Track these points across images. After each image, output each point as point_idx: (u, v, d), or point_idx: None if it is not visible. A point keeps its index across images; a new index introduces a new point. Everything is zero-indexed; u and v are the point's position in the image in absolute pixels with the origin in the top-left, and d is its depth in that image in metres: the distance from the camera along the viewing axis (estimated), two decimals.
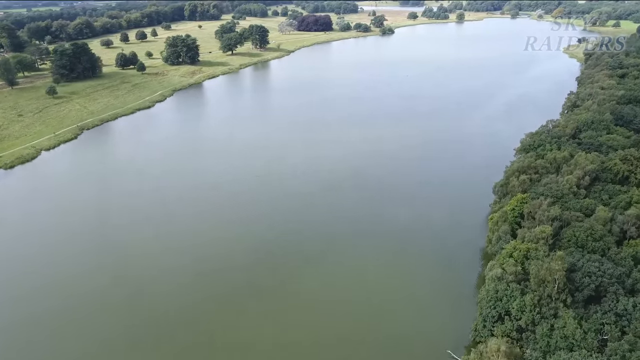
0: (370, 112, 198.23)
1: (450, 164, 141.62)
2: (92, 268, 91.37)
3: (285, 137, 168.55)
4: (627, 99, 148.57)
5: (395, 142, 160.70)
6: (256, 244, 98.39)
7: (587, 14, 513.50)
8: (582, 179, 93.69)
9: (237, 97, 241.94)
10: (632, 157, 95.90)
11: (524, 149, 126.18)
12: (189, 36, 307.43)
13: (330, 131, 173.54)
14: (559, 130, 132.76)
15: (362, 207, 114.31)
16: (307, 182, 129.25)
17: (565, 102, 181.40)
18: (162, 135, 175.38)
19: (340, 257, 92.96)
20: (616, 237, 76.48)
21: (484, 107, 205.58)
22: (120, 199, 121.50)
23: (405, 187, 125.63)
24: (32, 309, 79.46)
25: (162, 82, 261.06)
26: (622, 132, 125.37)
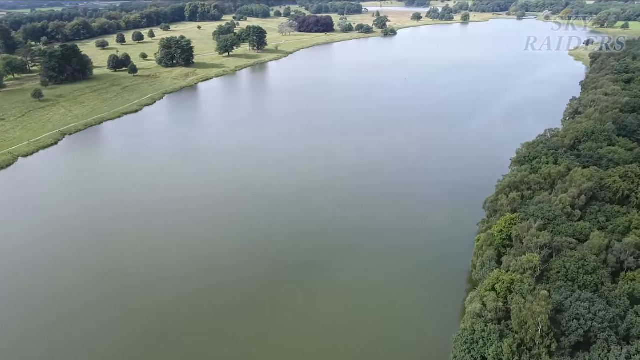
0: (364, 119, 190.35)
1: (445, 175, 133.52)
2: (62, 289, 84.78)
3: (270, 143, 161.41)
4: (631, 106, 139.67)
5: (388, 150, 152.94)
6: (248, 250, 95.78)
7: (595, 14, 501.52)
8: (577, 199, 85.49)
9: (227, 101, 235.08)
10: (633, 174, 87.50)
11: (518, 161, 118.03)
12: (183, 37, 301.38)
13: (316, 139, 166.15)
14: (557, 140, 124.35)
15: (349, 220, 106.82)
16: (285, 195, 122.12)
17: (567, 108, 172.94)
18: (146, 141, 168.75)
19: (319, 279, 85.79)
20: (612, 267, 68.36)
21: (485, 112, 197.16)
22: (94, 210, 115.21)
23: (396, 199, 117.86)
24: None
25: (154, 85, 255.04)
26: (624, 143, 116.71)
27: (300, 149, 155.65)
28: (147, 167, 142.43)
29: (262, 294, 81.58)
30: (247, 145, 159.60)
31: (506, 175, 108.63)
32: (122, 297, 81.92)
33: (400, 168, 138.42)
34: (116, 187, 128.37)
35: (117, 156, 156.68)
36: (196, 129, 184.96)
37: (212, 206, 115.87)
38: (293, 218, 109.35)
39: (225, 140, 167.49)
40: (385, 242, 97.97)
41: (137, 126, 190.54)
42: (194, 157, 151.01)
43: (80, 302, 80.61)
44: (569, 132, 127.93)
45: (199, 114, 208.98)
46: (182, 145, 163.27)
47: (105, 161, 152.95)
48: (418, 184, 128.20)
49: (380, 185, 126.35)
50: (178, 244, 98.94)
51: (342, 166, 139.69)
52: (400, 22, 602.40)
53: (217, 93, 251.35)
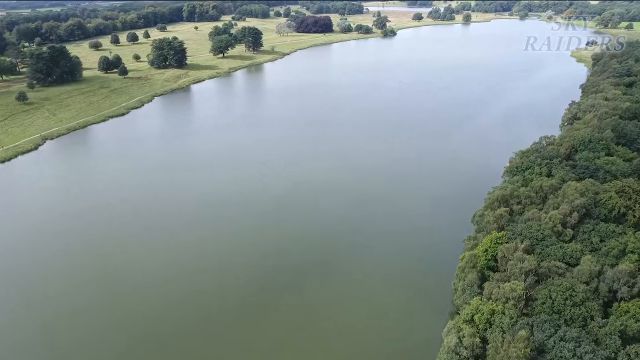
0: (356, 123, 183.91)
1: (436, 184, 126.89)
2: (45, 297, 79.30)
3: (255, 148, 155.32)
4: (632, 112, 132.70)
5: (378, 158, 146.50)
6: (240, 255, 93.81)
7: (599, 15, 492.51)
8: (569, 216, 78.87)
9: (217, 104, 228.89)
10: (630, 189, 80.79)
11: (511, 171, 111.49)
12: (175, 38, 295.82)
13: (302, 145, 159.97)
14: (552, 149, 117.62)
15: (330, 235, 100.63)
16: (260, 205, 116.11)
17: (566, 113, 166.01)
18: (128, 147, 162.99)
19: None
20: (604, 297, 61.82)
21: (482, 116, 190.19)
22: (69, 220, 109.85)
23: (383, 210, 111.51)
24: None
25: (144, 87, 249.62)
26: (623, 152, 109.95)
27: (286, 154, 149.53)
28: (127, 174, 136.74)
29: (256, 297, 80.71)
30: (231, 151, 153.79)
31: (496, 187, 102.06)
32: (114, 303, 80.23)
33: (389, 176, 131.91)
34: (92, 195, 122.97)
35: (97, 162, 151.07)
36: (181, 133, 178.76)
37: (189, 213, 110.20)
38: (270, 228, 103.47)
39: (209, 145, 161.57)
40: (368, 261, 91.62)
41: (122, 130, 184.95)
42: (175, 163, 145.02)
43: (71, 308, 79.42)
44: (565, 140, 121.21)
45: (186, 118, 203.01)
46: (165, 151, 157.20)
47: (85, 167, 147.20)
48: (406, 193, 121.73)
49: (368, 196, 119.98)
50: (160, 253, 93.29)
51: (329, 174, 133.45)
52: (401, 22, 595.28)
53: (208, 95, 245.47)
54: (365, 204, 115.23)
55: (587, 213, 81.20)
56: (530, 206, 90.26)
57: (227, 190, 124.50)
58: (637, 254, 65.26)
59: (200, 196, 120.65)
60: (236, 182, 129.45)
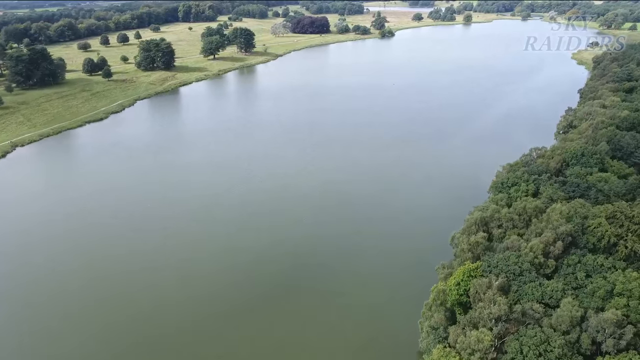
0: (342, 130, 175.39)
1: (420, 198, 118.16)
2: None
3: (235, 156, 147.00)
4: (629, 122, 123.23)
5: (362, 168, 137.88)
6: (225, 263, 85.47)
7: (603, 15, 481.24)
8: (552, 245, 69.98)
9: (200, 108, 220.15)
10: (622, 215, 71.72)
11: (496, 187, 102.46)
12: (163, 40, 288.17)
13: (283, 151, 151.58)
14: (542, 163, 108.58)
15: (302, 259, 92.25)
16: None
17: (561, 121, 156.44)
18: (98, 157, 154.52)
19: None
20: (586, 350, 52.96)
21: (475, 122, 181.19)
22: (30, 234, 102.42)
23: (359, 230, 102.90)
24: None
25: (127, 90, 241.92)
26: (618, 168, 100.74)
27: (265, 162, 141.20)
28: (90, 189, 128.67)
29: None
30: (205, 160, 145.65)
31: (477, 208, 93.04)
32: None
33: (371, 190, 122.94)
34: (54, 209, 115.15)
35: (66, 172, 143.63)
36: (157, 142, 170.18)
37: (151, 224, 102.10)
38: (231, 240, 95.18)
39: (185, 153, 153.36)
40: (331, 295, 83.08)
41: (95, 137, 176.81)
42: (144, 178, 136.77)
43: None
44: (557, 152, 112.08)
45: (165, 123, 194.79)
46: (136, 163, 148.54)
47: (47, 179, 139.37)
48: (387, 209, 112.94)
49: (347, 210, 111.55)
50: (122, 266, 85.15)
51: (302, 188, 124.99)
52: (401, 23, 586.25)
53: (192, 99, 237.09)
54: (339, 223, 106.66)
55: (573, 241, 72.23)
56: (512, 230, 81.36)
57: (197, 199, 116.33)
58: (626, 296, 56.35)
59: (166, 216, 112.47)
60: (205, 197, 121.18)
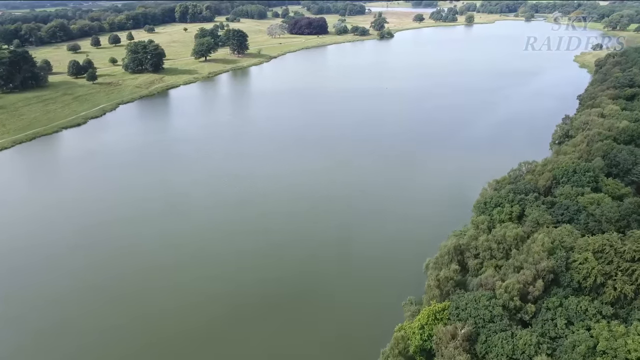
0: (324, 139, 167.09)
1: (401, 218, 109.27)
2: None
3: (212, 171, 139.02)
4: (628, 135, 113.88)
5: (338, 183, 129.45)
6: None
7: (608, 16, 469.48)
8: (531, 284, 61.27)
9: (183, 113, 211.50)
10: (612, 249, 62.81)
11: (479, 208, 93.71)
12: (151, 41, 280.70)
13: (254, 165, 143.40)
14: (530, 179, 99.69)
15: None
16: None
17: (556, 130, 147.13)
18: (66, 167, 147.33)
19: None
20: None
21: (468, 130, 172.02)
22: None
23: (328, 254, 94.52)
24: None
25: (111, 94, 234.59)
26: (613, 187, 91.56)
27: (246, 180, 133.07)
28: (59, 198, 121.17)
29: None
30: (179, 178, 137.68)
31: (454, 232, 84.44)
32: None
33: (351, 211, 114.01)
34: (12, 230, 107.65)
35: (31, 183, 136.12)
36: (133, 149, 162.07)
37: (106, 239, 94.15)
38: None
39: (159, 166, 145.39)
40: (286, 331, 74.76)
41: (69, 144, 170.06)
42: (109, 194, 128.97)
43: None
44: (547, 168, 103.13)
45: (145, 131, 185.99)
46: (103, 176, 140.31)
47: (13, 190, 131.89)
48: (363, 231, 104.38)
49: (318, 236, 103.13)
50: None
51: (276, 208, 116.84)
52: (402, 23, 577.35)
53: (177, 104, 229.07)
54: (313, 246, 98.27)
55: (555, 280, 63.47)
56: (490, 261, 72.69)
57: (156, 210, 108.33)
58: (610, 356, 47.57)
59: (127, 216, 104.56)
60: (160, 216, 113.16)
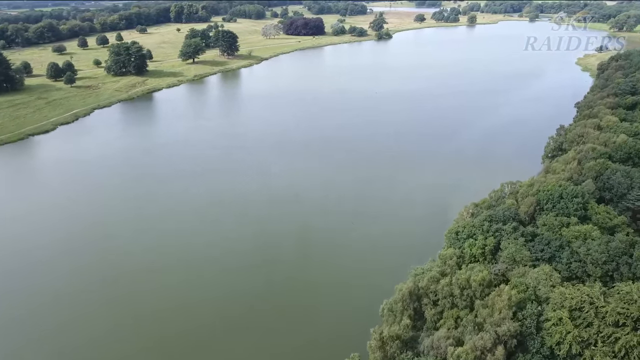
0: (301, 152, 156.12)
1: (366, 250, 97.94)
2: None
3: (170, 187, 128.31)
4: (625, 152, 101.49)
5: (308, 208, 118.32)
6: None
7: (614, 17, 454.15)
8: (490, 351, 49.77)
9: (159, 119, 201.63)
10: (592, 308, 51.04)
11: (450, 238, 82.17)
12: (135, 43, 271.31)
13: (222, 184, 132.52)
14: (511, 204, 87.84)
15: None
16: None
17: (549, 143, 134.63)
18: (26, 178, 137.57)
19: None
20: None
21: (461, 138, 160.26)
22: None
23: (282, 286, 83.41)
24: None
25: (88, 98, 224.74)
26: (604, 216, 79.67)
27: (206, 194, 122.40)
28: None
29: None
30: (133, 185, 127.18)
31: (415, 270, 72.85)
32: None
33: (304, 237, 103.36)
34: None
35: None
36: (95, 162, 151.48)
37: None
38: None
39: (117, 177, 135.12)
40: None
41: (28, 154, 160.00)
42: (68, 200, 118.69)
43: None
44: (532, 190, 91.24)
45: (115, 138, 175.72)
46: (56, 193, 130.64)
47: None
48: (331, 255, 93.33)
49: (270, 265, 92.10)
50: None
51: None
52: (403, 24, 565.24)
53: (155, 110, 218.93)
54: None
55: (522, 342, 51.88)
56: (451, 311, 61.27)
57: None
58: None
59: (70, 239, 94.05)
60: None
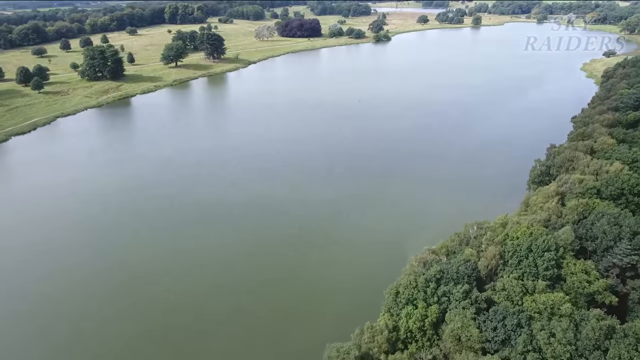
0: (258, 169, 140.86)
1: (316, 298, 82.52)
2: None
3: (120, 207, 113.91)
4: (617, 188, 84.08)
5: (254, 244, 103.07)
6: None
7: (625, 19, 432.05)
8: None
9: (123, 128, 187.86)
10: None
11: (389, 300, 66.34)
12: (111, 46, 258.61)
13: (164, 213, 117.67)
14: (470, 256, 71.68)
15: None
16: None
17: (535, 167, 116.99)
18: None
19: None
20: None
21: (446, 156, 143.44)
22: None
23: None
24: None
25: (54, 105, 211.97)
26: (581, 278, 63.28)
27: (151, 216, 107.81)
28: None
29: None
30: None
31: (341, 345, 57.15)
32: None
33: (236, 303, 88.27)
34: None
35: None
36: (44, 176, 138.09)
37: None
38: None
39: (62, 193, 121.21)
40: None
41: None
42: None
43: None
44: (499, 237, 74.93)
45: (68, 152, 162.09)
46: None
47: None
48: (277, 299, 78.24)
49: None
50: None
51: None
52: (405, 25, 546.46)
53: (120, 119, 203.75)
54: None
55: None
56: None
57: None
58: None
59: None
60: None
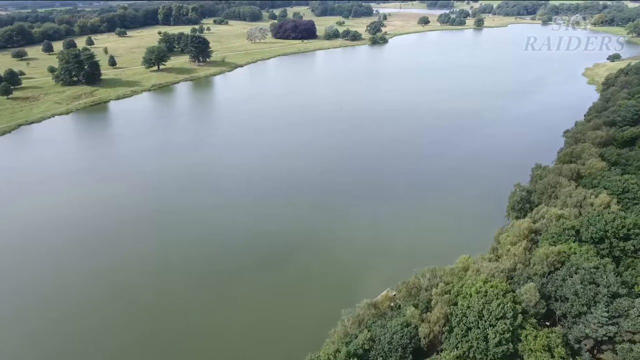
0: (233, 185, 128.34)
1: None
2: None
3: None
4: (599, 229, 69.47)
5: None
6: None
7: (633, 21, 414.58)
8: None
9: (87, 137, 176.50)
10: None
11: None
12: (86, 49, 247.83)
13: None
14: (410, 319, 58.48)
15: None
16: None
17: (515, 192, 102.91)
18: None
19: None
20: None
21: (428, 171, 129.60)
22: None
23: None
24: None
25: (19, 112, 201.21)
26: (542, 357, 49.73)
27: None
28: None
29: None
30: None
31: None
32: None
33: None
34: None
35: None
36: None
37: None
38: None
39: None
40: None
41: None
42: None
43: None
44: (453, 289, 61.75)
45: (23, 166, 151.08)
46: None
47: None
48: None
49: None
50: None
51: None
52: (406, 27, 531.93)
53: (87, 126, 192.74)
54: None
55: None
56: None
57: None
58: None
59: None
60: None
